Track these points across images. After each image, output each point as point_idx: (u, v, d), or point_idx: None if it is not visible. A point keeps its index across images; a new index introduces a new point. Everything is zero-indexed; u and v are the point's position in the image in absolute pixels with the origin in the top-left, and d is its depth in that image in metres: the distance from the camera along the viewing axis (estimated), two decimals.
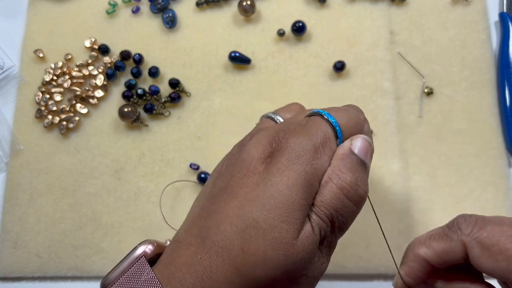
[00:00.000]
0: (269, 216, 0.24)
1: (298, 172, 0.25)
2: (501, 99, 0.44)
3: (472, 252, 0.26)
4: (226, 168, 0.28)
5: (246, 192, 0.25)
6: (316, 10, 0.47)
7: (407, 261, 0.29)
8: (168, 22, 0.47)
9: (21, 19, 0.48)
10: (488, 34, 0.46)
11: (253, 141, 0.27)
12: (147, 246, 0.26)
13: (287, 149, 0.25)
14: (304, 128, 0.27)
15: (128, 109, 0.44)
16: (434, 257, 0.27)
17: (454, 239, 0.27)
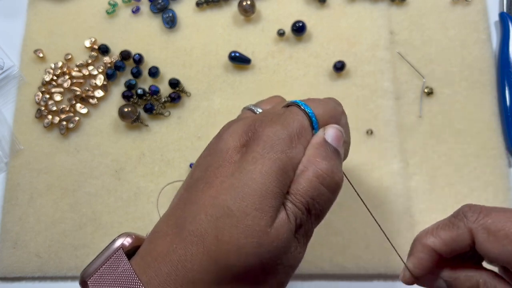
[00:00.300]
0: (242, 204, 0.24)
1: (272, 160, 0.25)
2: (501, 99, 0.44)
3: (478, 238, 0.26)
4: (204, 159, 0.28)
5: (221, 181, 0.25)
6: (316, 10, 0.47)
7: (415, 252, 0.29)
8: (168, 22, 0.47)
9: (21, 19, 0.48)
10: (488, 34, 0.46)
11: (229, 130, 0.28)
12: (125, 238, 0.27)
13: (262, 138, 0.26)
14: (281, 117, 0.27)
15: (128, 109, 0.44)
16: (442, 246, 0.27)
17: (460, 227, 0.27)
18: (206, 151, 0.29)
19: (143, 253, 0.26)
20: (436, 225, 0.29)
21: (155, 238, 0.26)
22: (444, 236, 0.27)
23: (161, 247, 0.25)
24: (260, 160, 0.25)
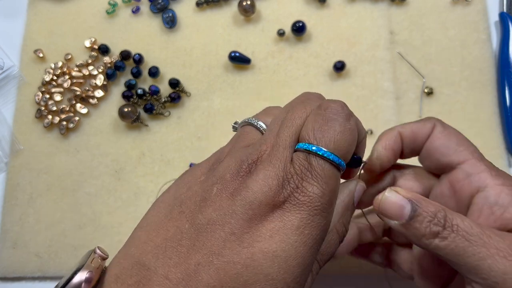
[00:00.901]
0: (285, 276, 0.22)
1: (318, 229, 0.24)
2: (501, 99, 0.44)
3: (435, 130, 0.30)
4: (219, 199, 0.24)
5: (253, 240, 0.23)
6: (316, 10, 0.47)
7: (384, 136, 0.32)
8: (168, 22, 0.47)
9: (21, 19, 0.48)
10: (488, 34, 0.46)
11: (262, 176, 0.24)
12: (85, 274, 0.24)
13: (307, 203, 0.24)
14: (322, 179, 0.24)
15: (128, 109, 0.44)
16: (408, 131, 0.31)
17: (428, 121, 0.31)
18: (218, 184, 0.25)
19: None
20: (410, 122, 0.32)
21: (146, 277, 0.23)
22: (412, 125, 0.31)
23: None
24: (306, 231, 0.23)
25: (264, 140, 0.26)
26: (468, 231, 0.25)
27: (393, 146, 0.31)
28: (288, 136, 0.26)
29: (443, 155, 0.30)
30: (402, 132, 0.31)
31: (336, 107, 0.27)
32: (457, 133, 0.30)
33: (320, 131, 0.25)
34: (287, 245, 0.23)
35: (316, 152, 0.25)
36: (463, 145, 0.29)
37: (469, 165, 0.28)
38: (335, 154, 0.25)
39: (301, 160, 0.25)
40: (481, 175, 0.27)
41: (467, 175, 0.28)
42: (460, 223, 0.25)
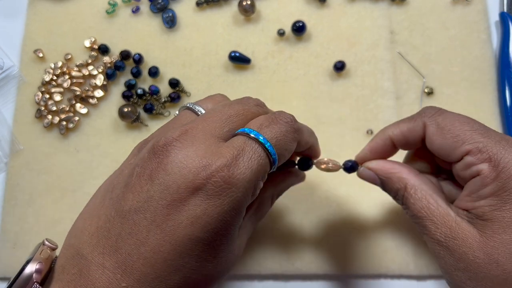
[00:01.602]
0: (210, 256, 0.25)
1: (239, 215, 0.25)
2: (501, 99, 0.44)
3: (428, 131, 0.31)
4: (140, 182, 0.25)
5: (175, 227, 0.24)
6: (316, 9, 0.47)
7: (375, 138, 0.34)
8: (168, 22, 0.47)
9: (20, 19, 0.48)
10: (488, 34, 0.46)
11: (180, 156, 0.24)
12: (35, 266, 0.24)
13: (230, 188, 0.24)
14: (241, 157, 0.25)
15: (128, 109, 0.44)
16: (399, 135, 0.33)
17: (417, 120, 0.32)
18: (138, 167, 0.25)
19: (69, 285, 0.23)
20: (401, 119, 0.33)
21: (86, 268, 0.24)
22: (403, 126, 0.32)
23: (104, 283, 0.23)
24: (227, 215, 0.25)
25: (191, 122, 0.27)
26: (416, 214, 0.30)
27: (379, 150, 0.34)
28: (217, 122, 0.27)
29: (443, 155, 0.31)
30: (392, 137, 0.33)
31: (288, 117, 0.29)
32: (452, 124, 0.30)
33: (267, 127, 0.27)
34: (209, 231, 0.24)
35: (256, 137, 0.26)
36: (461, 137, 0.29)
37: (471, 156, 0.29)
38: (274, 148, 0.27)
39: (237, 142, 0.26)
40: (479, 166, 0.29)
41: (468, 165, 0.29)
42: (411, 205, 0.31)
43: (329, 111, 0.44)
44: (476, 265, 0.28)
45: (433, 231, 0.30)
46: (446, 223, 0.29)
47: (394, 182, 0.32)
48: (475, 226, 0.29)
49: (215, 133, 0.26)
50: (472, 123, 0.30)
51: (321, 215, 0.41)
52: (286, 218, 0.42)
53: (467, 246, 0.28)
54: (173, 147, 0.25)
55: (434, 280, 0.40)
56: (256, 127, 0.27)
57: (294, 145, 0.29)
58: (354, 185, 0.42)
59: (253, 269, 0.40)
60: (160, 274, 0.24)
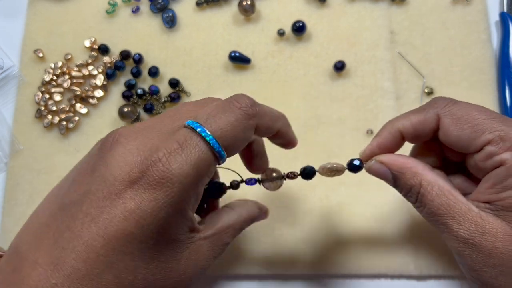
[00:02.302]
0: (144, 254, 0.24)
1: (175, 212, 0.24)
2: (501, 99, 0.44)
3: (443, 122, 0.29)
4: (83, 175, 0.25)
5: (109, 221, 0.23)
6: (316, 9, 0.47)
7: (382, 132, 0.32)
8: (168, 22, 0.47)
9: (20, 19, 0.48)
10: (488, 34, 0.46)
11: (121, 150, 0.24)
12: None
13: (166, 182, 0.23)
14: (180, 151, 0.24)
15: (128, 109, 0.44)
16: (409, 128, 0.30)
17: (429, 112, 0.30)
18: (85, 163, 0.26)
19: (2, 283, 0.23)
20: (409, 111, 0.31)
21: (20, 265, 0.23)
22: (414, 118, 0.30)
23: (33, 280, 0.22)
24: (161, 212, 0.24)
25: (143, 121, 0.27)
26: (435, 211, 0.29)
27: (388, 145, 0.31)
28: (167, 118, 0.26)
29: (461, 147, 0.29)
30: (402, 129, 0.31)
31: (244, 101, 0.27)
32: (469, 114, 0.29)
33: (214, 117, 0.26)
34: (143, 227, 0.23)
35: (200, 132, 0.25)
36: (480, 127, 0.28)
37: (493, 146, 0.28)
38: (219, 142, 0.25)
39: (179, 136, 0.25)
40: (503, 156, 0.28)
41: (490, 155, 0.28)
42: (429, 203, 0.29)
43: (329, 111, 0.44)
44: (509, 258, 0.27)
45: (455, 229, 0.28)
46: (470, 219, 0.28)
47: (408, 178, 0.30)
48: (503, 219, 0.27)
49: (163, 128, 0.26)
50: (489, 111, 0.29)
51: (321, 215, 0.41)
52: (286, 217, 0.42)
53: (498, 241, 0.27)
54: (118, 142, 0.25)
55: (434, 280, 0.40)
56: (202, 118, 0.26)
57: (249, 133, 0.27)
58: (354, 185, 0.42)
59: (253, 269, 0.40)
60: (92, 271, 0.23)
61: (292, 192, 0.42)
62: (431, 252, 0.40)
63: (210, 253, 0.29)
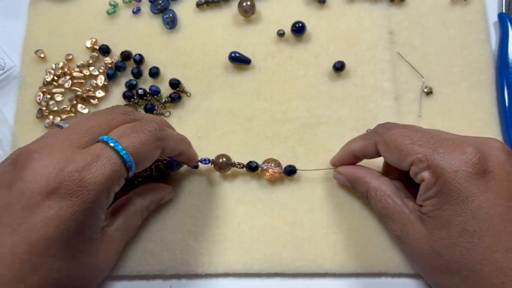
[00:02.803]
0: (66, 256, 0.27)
1: (92, 216, 0.28)
2: (500, 99, 0.44)
3: (379, 148, 0.35)
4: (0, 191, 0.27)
5: (30, 229, 0.26)
6: (316, 10, 0.48)
7: (340, 151, 0.40)
8: (169, 22, 0.47)
9: (22, 19, 0.49)
10: (487, 34, 0.46)
11: (36, 165, 0.27)
12: None
13: (81, 191, 0.27)
14: (94, 162, 0.28)
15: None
16: (358, 151, 0.37)
17: (370, 139, 0.36)
18: (2, 179, 0.28)
19: None
20: (360, 136, 0.39)
21: None
22: (360, 143, 0.37)
23: None
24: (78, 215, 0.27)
25: (52, 135, 0.29)
26: (379, 212, 0.36)
27: (345, 160, 0.39)
28: (76, 133, 0.30)
29: (397, 166, 0.35)
30: (354, 151, 0.38)
31: (152, 126, 0.31)
32: (395, 141, 0.34)
33: (127, 135, 0.30)
34: (63, 230, 0.26)
35: (113, 146, 0.29)
36: (404, 152, 0.33)
37: (415, 167, 0.33)
38: (131, 157, 0.29)
39: (93, 149, 0.29)
40: (423, 174, 0.32)
41: (415, 174, 0.33)
42: (374, 205, 0.37)
43: (328, 111, 0.45)
44: (424, 256, 0.33)
45: (392, 227, 0.35)
46: (401, 219, 0.34)
47: (360, 185, 0.38)
48: (423, 222, 0.33)
49: (74, 143, 0.29)
50: (413, 135, 0.33)
51: (320, 214, 0.42)
52: (286, 217, 0.42)
53: (416, 240, 0.33)
54: (32, 158, 0.27)
55: None
56: (116, 135, 0.29)
57: (156, 153, 0.32)
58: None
59: (253, 268, 0.40)
60: (18, 275, 0.25)
61: (292, 191, 0.42)
62: None
63: (124, 237, 0.35)
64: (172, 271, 0.41)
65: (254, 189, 0.43)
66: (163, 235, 0.42)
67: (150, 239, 0.41)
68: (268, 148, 0.44)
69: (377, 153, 0.36)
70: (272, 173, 0.41)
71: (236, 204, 0.42)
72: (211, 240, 0.41)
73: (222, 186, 0.43)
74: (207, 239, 0.41)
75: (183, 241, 0.41)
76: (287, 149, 0.44)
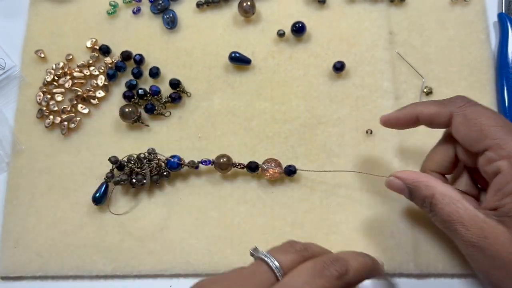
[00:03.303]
0: None
1: None
2: (499, 99, 0.44)
3: (455, 120, 0.33)
4: None
5: None
6: (316, 10, 0.48)
7: (404, 109, 0.36)
8: (169, 22, 0.47)
9: (22, 20, 0.49)
10: (487, 34, 0.46)
11: None
12: None
13: None
14: None
15: (129, 109, 0.44)
16: (425, 115, 0.35)
17: (446, 107, 0.34)
18: None
19: None
20: (431, 101, 0.36)
21: None
22: (432, 108, 0.34)
23: None
24: None
25: (224, 275, 0.29)
26: (446, 218, 0.32)
27: (402, 121, 0.36)
28: (244, 277, 0.29)
29: (467, 145, 0.32)
30: (419, 114, 0.35)
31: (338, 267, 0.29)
32: (478, 118, 0.31)
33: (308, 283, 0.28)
34: None
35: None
36: (484, 132, 0.31)
37: (492, 152, 0.31)
38: None
39: None
40: (499, 163, 0.30)
41: (489, 161, 0.31)
42: (440, 211, 0.33)
43: (328, 111, 0.45)
44: (509, 262, 0.29)
45: (463, 233, 0.31)
46: (476, 224, 0.31)
47: (422, 190, 0.34)
48: (505, 224, 0.29)
49: None
50: (499, 118, 0.31)
51: (320, 214, 0.42)
52: (286, 217, 0.42)
53: (499, 244, 0.29)
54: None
55: (434, 279, 0.40)
56: (295, 283, 0.28)
57: None
58: (354, 185, 0.42)
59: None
60: None
61: (293, 191, 0.43)
62: (431, 250, 0.40)
63: None
64: (172, 271, 0.41)
65: (254, 189, 0.43)
66: (163, 235, 0.42)
67: (151, 239, 0.42)
68: (268, 148, 0.44)
69: (446, 124, 0.33)
70: (272, 173, 0.41)
71: (236, 204, 0.42)
72: (212, 239, 0.41)
73: (222, 186, 0.43)
74: (208, 239, 0.41)
75: (184, 241, 0.41)
76: (287, 149, 0.44)
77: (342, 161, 0.43)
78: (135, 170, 0.42)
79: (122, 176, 0.42)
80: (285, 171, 0.42)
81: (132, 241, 0.42)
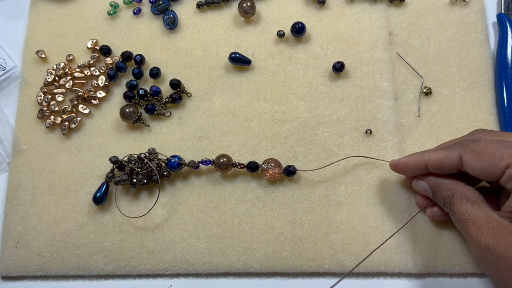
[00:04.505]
0: None
1: None
2: (498, 99, 0.44)
3: (465, 158, 0.34)
4: None
5: None
6: (316, 11, 0.48)
7: (412, 157, 0.38)
8: (169, 23, 0.47)
9: (23, 20, 0.49)
10: (486, 35, 0.46)
11: None
12: None
13: None
14: None
15: (129, 109, 0.44)
16: (435, 162, 0.36)
17: (453, 150, 0.35)
18: None
19: None
20: (440, 146, 0.38)
21: None
22: (440, 154, 0.36)
23: None
24: None
25: None
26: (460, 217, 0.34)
27: (410, 168, 0.38)
28: None
29: (486, 176, 0.34)
30: (429, 162, 0.36)
31: None
32: (486, 147, 0.33)
33: None
34: None
35: None
36: (497, 155, 0.32)
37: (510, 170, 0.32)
38: None
39: None
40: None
41: (510, 178, 0.33)
42: (456, 210, 0.35)
43: (328, 111, 0.45)
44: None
45: (474, 233, 0.33)
46: (489, 224, 0.32)
47: (443, 190, 0.36)
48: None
49: None
50: (503, 142, 0.33)
51: (320, 214, 0.42)
52: (286, 217, 0.42)
53: (508, 244, 0.31)
54: None
55: (433, 278, 0.40)
56: None
57: None
58: (354, 185, 0.43)
59: (253, 268, 0.41)
60: None
61: (292, 191, 0.43)
62: (430, 250, 0.40)
63: None
64: (173, 271, 0.41)
65: (254, 189, 0.43)
66: (164, 234, 0.42)
67: (151, 239, 0.42)
68: (268, 148, 0.44)
69: (458, 165, 0.35)
70: (272, 173, 0.42)
71: (236, 203, 0.42)
72: (212, 239, 0.42)
73: (222, 186, 0.43)
74: (208, 239, 0.42)
75: (184, 241, 0.42)
76: (287, 149, 0.44)
77: (342, 161, 0.43)
78: (135, 170, 0.42)
79: (123, 176, 0.42)
80: (285, 171, 0.42)
81: (133, 240, 0.42)
